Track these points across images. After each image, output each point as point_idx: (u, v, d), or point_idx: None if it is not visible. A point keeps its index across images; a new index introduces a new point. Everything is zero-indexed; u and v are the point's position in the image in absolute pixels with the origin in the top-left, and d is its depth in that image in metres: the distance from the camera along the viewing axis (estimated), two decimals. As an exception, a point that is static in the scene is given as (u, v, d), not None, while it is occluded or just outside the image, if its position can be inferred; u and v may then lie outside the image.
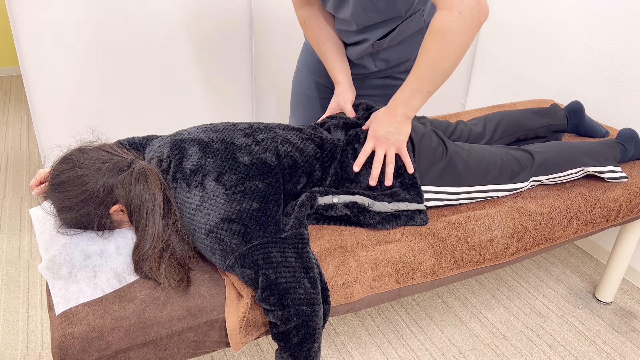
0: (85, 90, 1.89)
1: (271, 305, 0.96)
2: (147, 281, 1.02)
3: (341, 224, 1.19)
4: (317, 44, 1.41)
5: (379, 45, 1.34)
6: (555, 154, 1.37)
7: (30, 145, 2.74)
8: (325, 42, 1.40)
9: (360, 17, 1.26)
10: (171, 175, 1.08)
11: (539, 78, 2.21)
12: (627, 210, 1.43)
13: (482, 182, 1.29)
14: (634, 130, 1.52)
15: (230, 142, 1.12)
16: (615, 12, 1.84)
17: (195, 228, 1.02)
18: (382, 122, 1.17)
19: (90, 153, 1.06)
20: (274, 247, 0.99)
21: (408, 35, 1.35)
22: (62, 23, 1.75)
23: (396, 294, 1.16)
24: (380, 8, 1.23)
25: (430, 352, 1.60)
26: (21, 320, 1.64)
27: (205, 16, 1.99)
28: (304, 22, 1.40)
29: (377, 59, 1.39)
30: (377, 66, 1.41)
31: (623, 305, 1.82)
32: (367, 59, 1.40)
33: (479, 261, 1.22)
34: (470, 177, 1.27)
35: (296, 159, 1.14)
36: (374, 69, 1.42)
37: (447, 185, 1.25)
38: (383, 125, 1.17)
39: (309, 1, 1.37)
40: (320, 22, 1.39)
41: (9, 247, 1.97)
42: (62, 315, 0.94)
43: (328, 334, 1.64)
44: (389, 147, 1.17)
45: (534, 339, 1.66)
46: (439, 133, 1.29)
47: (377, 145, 1.18)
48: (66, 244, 1.01)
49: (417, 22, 1.31)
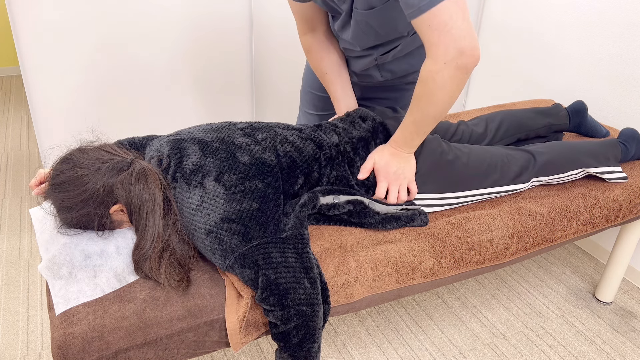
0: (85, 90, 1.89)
1: (271, 305, 0.96)
2: (147, 281, 1.02)
3: (341, 224, 1.19)
4: (321, 74, 1.42)
5: (383, 59, 1.34)
6: (556, 155, 1.37)
7: (30, 145, 2.74)
8: (328, 72, 1.40)
9: (361, 40, 1.26)
10: (171, 175, 1.08)
11: (539, 78, 2.21)
12: (627, 211, 1.43)
13: (482, 185, 1.29)
14: (635, 130, 1.52)
15: (230, 141, 1.12)
16: (615, 12, 1.84)
17: (195, 228, 1.02)
18: (391, 162, 1.20)
19: (90, 153, 1.06)
20: (274, 247, 0.99)
21: (414, 48, 1.34)
22: (62, 23, 1.75)
23: (396, 294, 1.16)
24: (380, 32, 1.22)
25: (430, 352, 1.60)
26: (21, 320, 1.64)
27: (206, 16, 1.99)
28: (309, 49, 1.39)
29: (382, 70, 1.39)
30: (383, 76, 1.41)
31: (623, 305, 1.82)
32: (373, 70, 1.40)
33: (479, 261, 1.22)
34: (470, 181, 1.27)
35: (295, 159, 1.14)
36: (379, 79, 1.42)
37: (447, 191, 1.26)
38: (392, 164, 1.19)
39: (312, 27, 1.35)
40: (323, 52, 1.38)
41: (9, 247, 1.97)
42: (62, 315, 0.94)
43: (328, 334, 1.64)
44: (402, 182, 1.21)
45: (534, 339, 1.66)
46: (437, 138, 1.29)
47: (391, 183, 1.20)
48: (66, 244, 1.01)
49: None
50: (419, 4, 0.98)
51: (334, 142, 1.21)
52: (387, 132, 1.27)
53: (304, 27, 1.36)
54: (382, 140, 1.25)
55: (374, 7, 1.15)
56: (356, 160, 1.22)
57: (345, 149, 1.21)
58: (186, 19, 1.96)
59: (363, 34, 1.23)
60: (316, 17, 1.33)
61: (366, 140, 1.24)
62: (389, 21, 1.19)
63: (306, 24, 1.34)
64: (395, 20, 1.19)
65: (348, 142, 1.22)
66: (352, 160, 1.21)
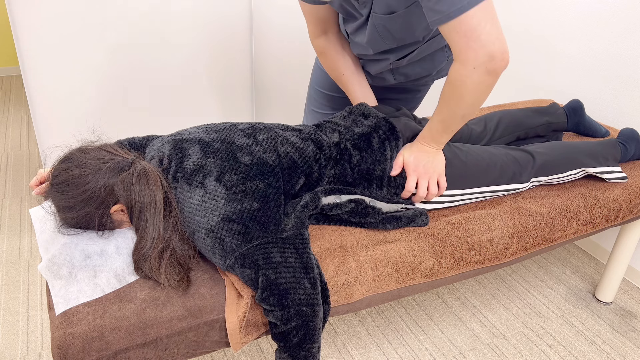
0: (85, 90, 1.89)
1: (271, 305, 0.96)
2: (147, 281, 1.02)
3: (341, 224, 1.19)
4: (338, 76, 1.41)
5: (398, 64, 1.33)
6: (556, 155, 1.37)
7: (30, 145, 2.74)
8: (345, 72, 1.39)
9: (376, 44, 1.25)
10: (172, 175, 1.08)
11: (539, 78, 2.21)
12: (627, 211, 1.43)
13: (481, 183, 1.29)
14: (635, 130, 1.52)
15: (231, 142, 1.12)
16: (615, 13, 1.84)
17: (196, 228, 1.02)
18: (420, 157, 1.20)
19: (91, 153, 1.06)
20: (274, 247, 0.99)
21: (429, 54, 1.33)
22: (62, 23, 1.75)
23: (396, 294, 1.16)
24: (397, 37, 1.21)
25: (430, 352, 1.60)
26: (21, 320, 1.64)
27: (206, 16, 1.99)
28: (322, 52, 1.38)
29: (396, 74, 1.39)
30: (396, 79, 1.40)
31: (623, 305, 1.82)
32: (387, 74, 1.39)
33: (479, 261, 1.22)
34: (469, 179, 1.27)
35: (295, 160, 1.14)
36: (393, 82, 1.41)
37: (447, 188, 1.25)
38: (422, 158, 1.20)
39: (324, 29, 1.34)
40: (338, 53, 1.37)
41: (9, 247, 1.97)
42: (62, 315, 0.94)
43: (328, 334, 1.64)
44: (432, 175, 1.21)
45: (534, 339, 1.66)
46: None
47: (420, 177, 1.21)
48: (66, 243, 1.02)
49: (439, 42, 1.29)
50: (447, 11, 0.97)
51: (334, 140, 1.21)
52: (390, 126, 1.26)
53: (317, 30, 1.34)
54: (384, 133, 1.25)
55: (394, 11, 1.14)
56: (354, 156, 1.21)
57: (346, 146, 1.21)
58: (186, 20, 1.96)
59: (380, 38, 1.23)
60: (329, 19, 1.32)
61: (367, 135, 1.24)
62: (408, 26, 1.18)
63: (319, 27, 1.33)
64: (414, 26, 1.18)
65: (349, 139, 1.22)
66: (351, 157, 1.21)
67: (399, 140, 1.24)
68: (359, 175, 1.20)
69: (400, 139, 1.24)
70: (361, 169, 1.20)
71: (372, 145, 1.22)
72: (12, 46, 3.66)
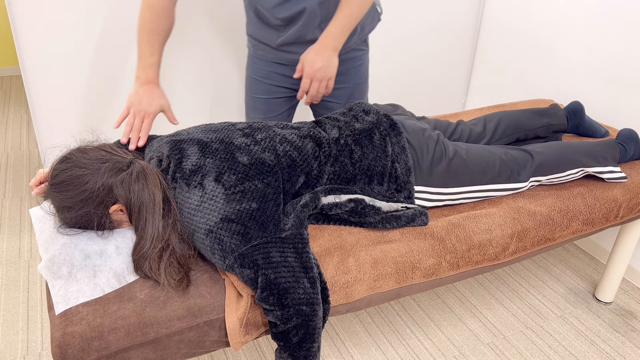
0: (85, 90, 1.89)
1: (271, 305, 0.96)
2: (146, 281, 1.02)
3: (341, 223, 1.19)
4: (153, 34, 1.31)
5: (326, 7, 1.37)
6: (554, 155, 1.37)
7: (30, 145, 2.75)
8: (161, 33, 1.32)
9: None
10: (170, 175, 1.08)
11: (539, 78, 2.21)
12: (627, 210, 1.43)
13: (480, 182, 1.29)
14: (633, 131, 1.52)
15: (230, 142, 1.12)
16: (615, 13, 1.84)
17: (195, 228, 1.02)
18: (316, 60, 1.34)
19: (89, 153, 1.06)
20: (274, 247, 0.99)
21: None
22: (62, 23, 1.75)
23: (396, 293, 1.16)
24: None
25: (430, 352, 1.60)
26: (21, 320, 1.64)
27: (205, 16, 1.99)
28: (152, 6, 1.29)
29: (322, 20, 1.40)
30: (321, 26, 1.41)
31: (623, 305, 1.82)
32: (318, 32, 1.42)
33: (478, 261, 1.22)
34: (469, 177, 1.27)
35: (294, 158, 1.14)
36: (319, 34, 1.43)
37: (446, 186, 1.26)
38: (317, 61, 1.33)
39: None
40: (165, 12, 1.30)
41: (9, 247, 1.97)
42: (62, 315, 0.94)
43: (328, 334, 1.64)
44: (323, 79, 1.36)
45: (534, 339, 1.66)
46: (438, 133, 1.30)
47: (314, 80, 1.36)
48: (66, 243, 1.02)
49: None
50: None
51: (334, 136, 1.21)
52: (392, 123, 1.26)
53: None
54: (385, 130, 1.24)
55: None
56: (355, 151, 1.21)
57: (346, 141, 1.21)
58: (185, 20, 1.96)
59: None
60: None
61: (369, 131, 1.23)
62: None
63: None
64: None
65: (350, 134, 1.22)
66: (352, 152, 1.20)
67: (400, 136, 1.24)
68: (360, 171, 1.20)
69: (401, 135, 1.24)
70: (362, 165, 1.20)
71: (373, 141, 1.22)
72: (12, 46, 3.66)
